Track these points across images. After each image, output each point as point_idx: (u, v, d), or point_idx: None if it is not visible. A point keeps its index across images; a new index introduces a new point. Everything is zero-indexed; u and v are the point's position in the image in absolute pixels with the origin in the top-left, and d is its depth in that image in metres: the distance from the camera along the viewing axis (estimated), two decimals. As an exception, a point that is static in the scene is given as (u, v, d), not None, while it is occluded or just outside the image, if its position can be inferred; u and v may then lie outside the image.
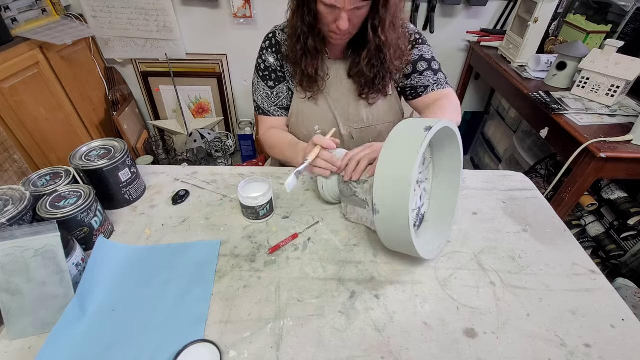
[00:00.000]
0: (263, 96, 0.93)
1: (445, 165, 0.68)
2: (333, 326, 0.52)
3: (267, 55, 0.90)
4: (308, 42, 0.78)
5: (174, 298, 0.56)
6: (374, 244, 0.66)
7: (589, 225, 1.37)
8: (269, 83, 0.91)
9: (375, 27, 0.73)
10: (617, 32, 1.43)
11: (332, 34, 0.75)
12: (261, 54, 0.91)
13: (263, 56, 0.90)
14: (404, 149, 0.52)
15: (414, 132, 0.53)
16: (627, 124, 1.11)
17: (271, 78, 0.91)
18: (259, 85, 0.93)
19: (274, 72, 0.90)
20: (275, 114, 0.94)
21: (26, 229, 0.51)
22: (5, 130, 1.31)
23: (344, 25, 0.70)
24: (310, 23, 0.75)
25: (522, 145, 1.71)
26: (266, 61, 0.90)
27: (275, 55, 0.89)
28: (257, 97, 0.94)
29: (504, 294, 0.58)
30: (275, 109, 0.94)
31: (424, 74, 0.89)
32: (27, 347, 0.49)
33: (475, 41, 1.83)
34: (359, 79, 0.86)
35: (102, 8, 1.74)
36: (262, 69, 0.91)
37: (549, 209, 0.77)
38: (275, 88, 0.92)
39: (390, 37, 0.76)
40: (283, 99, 0.93)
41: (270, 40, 0.89)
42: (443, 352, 0.50)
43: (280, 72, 0.91)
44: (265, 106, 0.94)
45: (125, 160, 0.70)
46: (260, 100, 0.94)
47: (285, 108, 0.95)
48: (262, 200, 0.68)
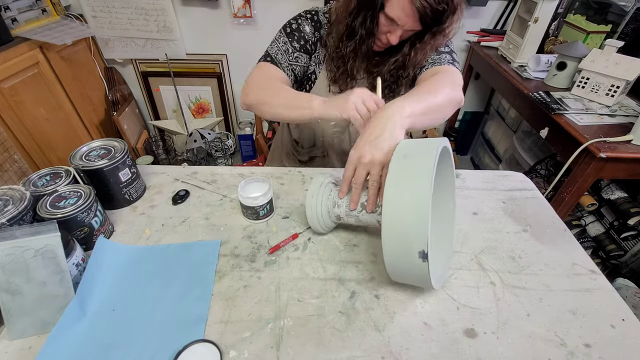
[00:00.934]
0: (282, 49, 0.84)
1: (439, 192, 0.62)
2: (333, 326, 0.52)
3: (304, 22, 0.85)
4: (363, 46, 0.78)
5: (174, 298, 0.56)
6: (374, 244, 0.66)
7: (589, 225, 1.37)
8: (294, 43, 0.84)
9: (415, 45, 0.77)
10: (617, 32, 1.44)
11: (379, 42, 0.78)
12: (297, 18, 0.86)
13: (299, 20, 0.85)
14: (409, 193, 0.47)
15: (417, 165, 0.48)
16: (627, 124, 1.11)
17: (299, 41, 0.85)
18: (280, 39, 0.85)
19: (304, 40, 0.85)
20: (284, 69, 0.84)
21: (26, 229, 0.51)
22: (5, 130, 1.31)
23: (394, 41, 0.74)
24: (370, 29, 0.76)
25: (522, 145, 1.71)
26: (301, 26, 0.85)
27: (312, 28, 0.86)
28: (272, 47, 0.85)
29: (504, 294, 0.58)
30: (287, 65, 0.84)
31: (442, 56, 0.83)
32: (27, 347, 0.49)
33: (475, 41, 1.83)
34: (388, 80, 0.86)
35: (102, 8, 1.74)
36: (294, 29, 0.85)
37: (549, 209, 0.77)
38: (298, 52, 0.85)
39: (421, 57, 0.79)
40: (299, 65, 0.86)
41: (313, 16, 0.86)
42: (443, 352, 0.50)
43: (310, 45, 0.87)
44: (278, 57, 0.83)
45: (125, 160, 0.70)
46: (275, 51, 0.84)
47: (295, 74, 0.87)
48: (262, 200, 0.68)
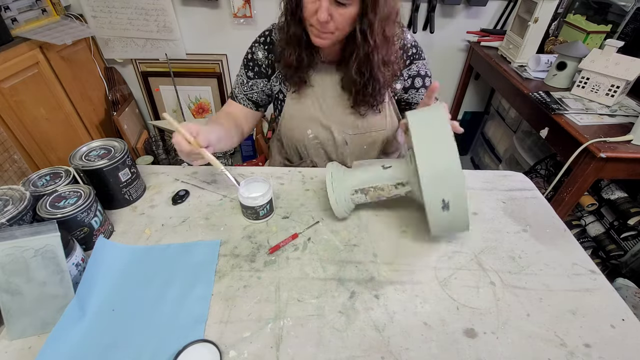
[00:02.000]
0: (238, 82, 0.93)
1: None
2: (333, 326, 0.53)
3: (257, 49, 0.89)
4: (290, 29, 0.76)
5: (174, 298, 0.56)
6: (374, 244, 0.66)
7: (589, 225, 1.37)
8: (249, 73, 0.91)
9: (364, 31, 0.71)
10: (617, 32, 1.43)
11: (312, 29, 0.73)
12: (252, 45, 0.90)
13: (254, 48, 0.90)
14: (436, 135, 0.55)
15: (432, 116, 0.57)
16: (627, 124, 1.11)
17: (252, 69, 0.90)
18: (240, 72, 0.93)
19: (258, 66, 0.90)
20: (241, 102, 0.94)
21: (26, 229, 0.51)
22: (5, 130, 1.31)
23: (322, 17, 0.67)
24: (292, 10, 0.73)
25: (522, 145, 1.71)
26: (254, 54, 0.89)
27: (265, 52, 0.88)
28: (235, 82, 0.95)
29: (504, 294, 0.58)
30: (243, 97, 0.93)
31: (419, 91, 0.91)
32: (27, 347, 0.49)
33: (475, 41, 1.83)
34: (348, 89, 0.84)
35: (102, 8, 1.74)
36: (249, 58, 0.91)
37: (549, 209, 0.77)
38: (252, 80, 0.91)
39: (379, 44, 0.74)
40: (255, 93, 0.93)
41: (265, 37, 0.89)
42: (443, 352, 0.50)
43: (264, 68, 0.90)
44: (236, 91, 0.94)
45: (125, 160, 0.70)
46: (234, 85, 0.95)
47: (253, 101, 0.94)
48: (262, 200, 0.68)
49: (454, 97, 2.14)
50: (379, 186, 0.66)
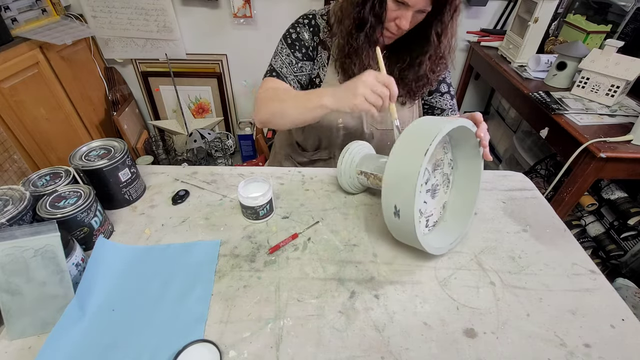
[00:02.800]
0: (285, 62, 0.86)
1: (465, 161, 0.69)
2: (333, 326, 0.52)
3: (303, 30, 0.86)
4: (374, 34, 0.76)
5: (174, 298, 0.56)
6: (374, 244, 0.66)
7: (589, 225, 1.37)
8: (296, 53, 0.86)
9: (439, 34, 0.76)
10: (617, 32, 1.43)
11: (387, 32, 0.76)
12: (296, 26, 0.87)
13: (298, 28, 0.86)
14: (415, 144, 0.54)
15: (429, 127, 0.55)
16: (627, 124, 1.11)
17: (300, 50, 0.86)
18: (283, 51, 0.87)
19: (305, 48, 0.87)
20: (291, 83, 0.86)
21: (26, 229, 0.51)
22: (5, 130, 1.31)
23: (405, 25, 0.71)
24: (378, 15, 0.74)
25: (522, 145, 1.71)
26: (300, 34, 0.86)
27: (311, 34, 0.86)
28: (277, 61, 0.87)
29: (503, 294, 0.58)
30: (293, 77, 0.87)
31: (444, 97, 0.93)
32: (27, 347, 0.49)
33: (475, 41, 1.83)
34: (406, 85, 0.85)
35: (102, 8, 1.74)
36: (294, 39, 0.86)
37: (549, 209, 0.77)
38: (302, 62, 0.87)
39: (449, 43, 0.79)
40: (304, 75, 0.88)
41: (310, 20, 0.86)
42: (443, 352, 0.50)
43: (311, 51, 0.87)
44: (284, 71, 0.86)
45: (125, 160, 0.70)
46: (280, 64, 0.86)
47: (300, 84, 0.89)
48: (262, 200, 0.68)
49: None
50: (378, 176, 0.69)
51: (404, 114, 0.91)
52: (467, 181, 0.69)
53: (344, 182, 0.76)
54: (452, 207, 0.70)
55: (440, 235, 0.67)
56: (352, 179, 0.74)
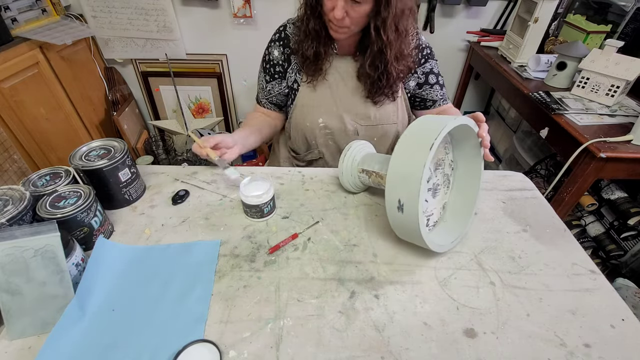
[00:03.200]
0: (260, 86, 0.98)
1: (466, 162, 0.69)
2: (333, 326, 0.52)
3: (273, 48, 0.92)
4: (309, 24, 0.80)
5: (174, 298, 0.56)
6: (374, 244, 0.66)
7: (589, 225, 1.37)
8: (266, 77, 0.95)
9: (377, 27, 0.75)
10: (617, 32, 1.43)
11: (330, 24, 0.77)
12: (269, 45, 0.93)
13: (270, 48, 0.93)
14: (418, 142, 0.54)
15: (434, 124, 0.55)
16: (627, 124, 1.11)
17: (269, 72, 0.94)
18: (260, 75, 0.97)
19: (274, 67, 0.93)
20: (265, 106, 0.99)
21: (26, 229, 0.51)
22: (5, 130, 1.31)
23: (338, 14, 0.71)
24: (312, 5, 0.77)
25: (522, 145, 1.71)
26: (271, 54, 0.92)
27: (281, 48, 0.91)
28: (258, 85, 0.99)
29: (503, 294, 0.58)
30: (266, 101, 0.99)
31: (434, 88, 0.95)
32: (27, 347, 0.49)
33: (475, 41, 1.83)
34: (364, 80, 0.87)
35: (102, 8, 1.74)
36: (266, 60, 0.94)
37: (549, 209, 0.77)
38: (270, 83, 0.95)
39: (392, 40, 0.77)
40: (273, 96, 0.97)
41: (280, 33, 0.91)
42: (443, 352, 0.50)
43: (280, 66, 0.92)
44: (259, 96, 1.00)
45: (125, 160, 0.70)
46: (258, 89, 0.99)
47: (274, 104, 0.99)
48: (266, 198, 0.68)
49: (454, 97, 2.14)
50: (380, 174, 0.69)
51: (387, 108, 0.92)
52: (468, 181, 0.69)
53: (345, 181, 0.76)
54: (452, 208, 0.70)
55: (440, 235, 0.67)
56: (353, 177, 0.75)
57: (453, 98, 2.14)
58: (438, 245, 0.61)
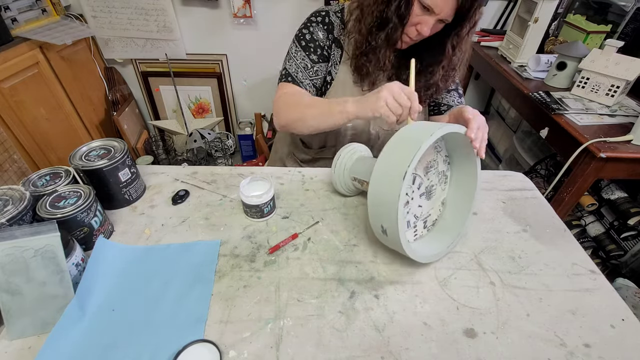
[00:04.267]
0: (300, 66, 0.85)
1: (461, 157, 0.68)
2: (333, 326, 0.53)
3: (316, 29, 0.84)
4: (395, 33, 0.75)
5: (174, 298, 0.56)
6: (374, 244, 0.66)
7: (589, 225, 1.37)
8: (312, 56, 0.84)
9: (454, 46, 0.77)
10: (617, 32, 1.43)
11: (406, 37, 0.76)
12: (308, 25, 0.84)
13: (311, 28, 0.84)
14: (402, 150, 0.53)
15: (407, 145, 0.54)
16: (627, 124, 1.11)
17: (316, 52, 0.84)
18: (297, 55, 0.85)
19: (320, 48, 0.85)
20: (307, 87, 0.85)
21: (26, 229, 0.51)
22: (5, 130, 1.31)
23: (426, 32, 0.71)
24: (402, 15, 0.73)
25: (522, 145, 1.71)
26: (314, 34, 0.84)
27: (325, 33, 0.84)
28: (291, 65, 0.85)
29: (503, 294, 0.58)
30: (309, 82, 0.85)
31: (451, 94, 0.92)
32: (27, 347, 0.49)
33: (475, 41, 1.83)
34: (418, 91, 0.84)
35: (102, 8, 1.74)
36: (308, 39, 0.84)
37: (549, 209, 0.77)
38: (317, 64, 0.85)
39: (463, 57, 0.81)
40: (319, 78, 0.87)
41: (324, 18, 0.84)
42: (443, 352, 0.50)
43: (326, 51, 0.85)
44: (299, 76, 0.84)
45: (125, 160, 0.70)
46: (295, 69, 0.85)
47: (316, 87, 0.88)
48: (266, 197, 0.68)
49: (454, 97, 2.14)
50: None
51: None
52: (465, 176, 0.68)
53: (339, 188, 0.76)
54: (452, 203, 0.70)
55: (439, 236, 0.67)
56: (347, 184, 0.75)
57: (453, 98, 2.14)
58: (430, 256, 0.61)
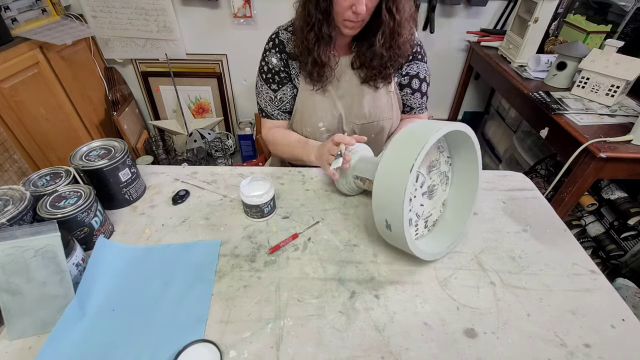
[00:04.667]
0: (266, 99, 0.93)
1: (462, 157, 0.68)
2: (333, 326, 0.52)
3: (270, 56, 0.89)
4: (322, 28, 0.77)
5: (174, 298, 0.56)
6: (374, 244, 0.66)
7: (589, 225, 1.37)
8: (272, 86, 0.91)
9: (390, 8, 0.75)
10: (617, 32, 1.43)
11: (347, 22, 0.76)
12: (264, 56, 0.90)
13: (266, 58, 0.90)
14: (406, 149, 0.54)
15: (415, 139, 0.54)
16: (627, 124, 1.11)
17: (274, 80, 0.90)
18: (262, 89, 0.92)
19: (277, 74, 0.90)
20: (278, 117, 0.94)
21: (26, 229, 0.51)
22: (5, 130, 1.31)
23: (362, 9, 0.71)
24: (325, 9, 0.75)
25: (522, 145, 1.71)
26: (269, 63, 0.89)
27: (278, 55, 0.89)
28: (260, 100, 0.94)
29: (504, 294, 0.58)
30: (278, 112, 0.94)
31: (415, 95, 0.93)
32: (27, 347, 0.49)
33: (475, 41, 1.83)
34: (368, 65, 0.85)
35: (102, 8, 1.74)
36: (266, 71, 0.90)
37: (549, 209, 0.77)
38: (279, 91, 0.91)
39: (403, 18, 0.78)
40: (286, 103, 0.93)
41: (274, 41, 0.89)
42: (443, 352, 0.50)
43: (283, 72, 0.90)
44: (268, 109, 0.94)
45: (125, 160, 0.70)
46: (264, 104, 0.94)
47: (288, 112, 0.95)
48: (266, 198, 0.68)
49: (454, 97, 2.14)
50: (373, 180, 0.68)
51: (382, 102, 0.91)
52: (466, 177, 0.68)
53: (341, 187, 0.76)
54: (452, 204, 0.70)
55: (439, 236, 0.67)
56: (349, 183, 0.75)
57: (453, 98, 2.14)
58: (432, 254, 0.61)
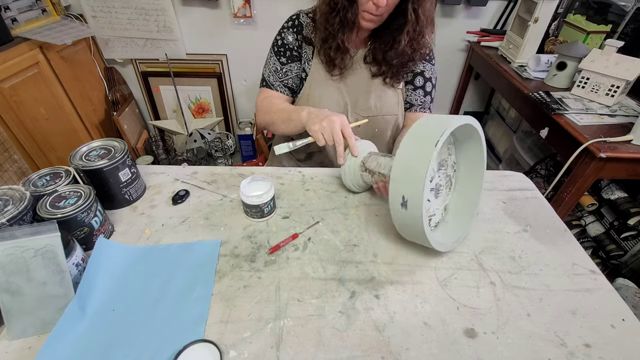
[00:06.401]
0: (271, 69, 0.94)
1: (468, 163, 0.69)
2: (333, 326, 0.52)
3: (287, 33, 0.91)
4: (348, 15, 0.78)
5: (174, 298, 0.56)
6: (374, 244, 0.66)
7: (589, 225, 1.37)
8: (281, 59, 0.92)
9: (416, 9, 0.77)
10: (617, 32, 1.43)
11: (366, 14, 0.77)
12: (281, 31, 0.92)
13: (282, 33, 0.92)
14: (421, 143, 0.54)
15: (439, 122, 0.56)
16: (627, 124, 1.11)
17: (285, 55, 0.92)
18: (270, 60, 0.94)
19: (290, 50, 0.92)
20: (277, 89, 0.95)
21: (26, 229, 0.51)
22: (5, 130, 1.31)
23: (382, 2, 0.72)
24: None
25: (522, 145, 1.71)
26: (284, 38, 0.91)
27: (295, 35, 0.91)
28: (265, 70, 0.96)
29: (504, 294, 0.58)
30: (279, 84, 0.94)
31: (417, 91, 0.93)
32: (27, 347, 0.49)
33: (475, 41, 1.83)
34: (385, 63, 0.86)
35: (102, 8, 1.74)
36: (279, 45, 0.92)
37: (549, 209, 0.77)
38: (286, 65, 0.93)
39: (428, 19, 0.79)
40: (290, 78, 0.94)
41: (294, 21, 0.91)
42: (443, 352, 0.50)
43: (296, 51, 0.92)
44: (270, 79, 0.94)
45: (125, 160, 0.70)
46: (267, 73, 0.95)
47: (289, 87, 0.95)
48: (266, 197, 0.68)
49: (454, 97, 2.14)
50: (382, 173, 0.68)
51: (389, 98, 0.92)
52: (470, 183, 0.69)
53: (347, 180, 0.76)
54: (454, 209, 0.70)
55: (442, 235, 0.67)
56: (356, 177, 0.74)
57: (453, 98, 2.15)
58: (440, 243, 0.61)
